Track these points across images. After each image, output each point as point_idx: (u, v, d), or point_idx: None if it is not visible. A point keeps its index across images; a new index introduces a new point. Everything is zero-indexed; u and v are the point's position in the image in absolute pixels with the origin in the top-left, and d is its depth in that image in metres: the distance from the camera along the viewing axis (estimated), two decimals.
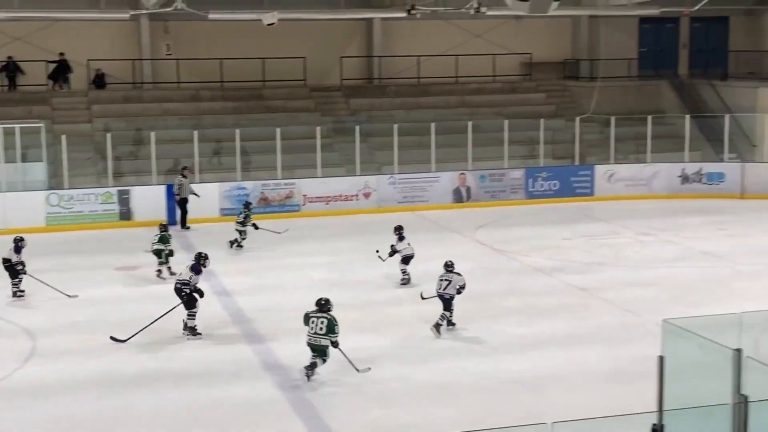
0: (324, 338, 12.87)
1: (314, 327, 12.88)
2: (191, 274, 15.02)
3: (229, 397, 12.39)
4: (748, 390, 7.87)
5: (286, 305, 16.60)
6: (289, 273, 19.16)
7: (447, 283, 15.03)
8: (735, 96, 30.85)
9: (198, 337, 14.93)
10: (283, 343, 14.53)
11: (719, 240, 21.82)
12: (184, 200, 23.94)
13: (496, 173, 27.01)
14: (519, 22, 32.97)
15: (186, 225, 23.92)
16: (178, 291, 15.00)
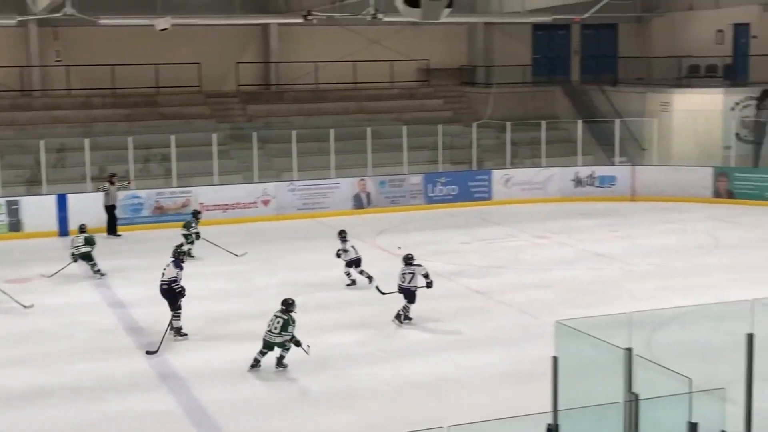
0: (277, 336, 13.35)
1: (271, 325, 13.40)
2: (177, 271, 15.01)
3: (124, 410, 12.10)
4: (639, 388, 8.04)
5: (183, 316, 16.31)
6: (186, 283, 18.75)
7: (411, 276, 15.52)
8: (625, 101, 31.68)
9: (185, 337, 14.96)
10: (179, 354, 14.28)
11: (611, 242, 22.33)
12: (112, 207, 23.62)
13: (395, 179, 27.12)
14: (416, 28, 33.23)
15: (116, 232, 23.60)
16: (168, 291, 14.92)
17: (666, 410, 7.94)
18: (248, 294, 17.94)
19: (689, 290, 17.37)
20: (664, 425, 8.16)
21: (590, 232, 23.40)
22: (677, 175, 27.74)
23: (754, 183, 27.04)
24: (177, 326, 15.06)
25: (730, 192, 27.26)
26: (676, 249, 21.44)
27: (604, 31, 35.48)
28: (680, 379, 7.63)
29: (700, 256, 20.75)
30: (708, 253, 21.10)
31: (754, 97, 29.77)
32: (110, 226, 23.67)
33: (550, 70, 34.76)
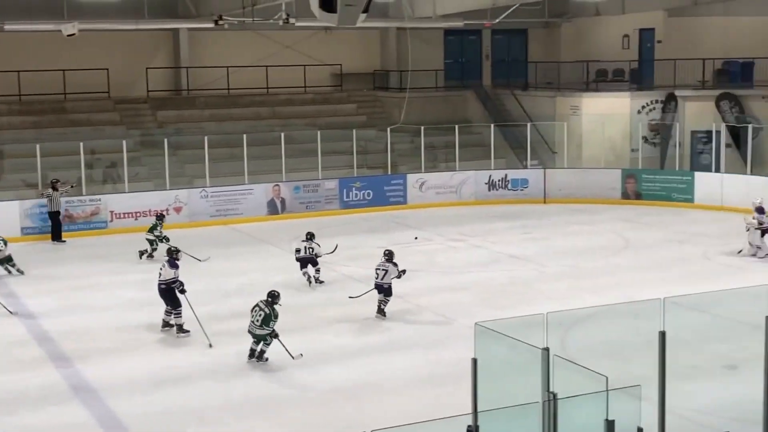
0: (259, 329, 13.76)
1: (253, 317, 13.80)
2: (174, 271, 15.40)
3: (36, 423, 11.81)
4: (557, 387, 8.14)
5: (95, 326, 16.03)
6: (98, 292, 18.46)
7: (384, 273, 16.19)
8: (535, 105, 32.19)
9: (187, 334, 15.26)
10: (91, 365, 13.99)
11: (525, 243, 22.63)
12: (56, 213, 23.40)
13: (310, 184, 27.03)
14: (328, 33, 33.22)
15: (61, 238, 23.41)
16: (167, 290, 15.34)
17: (583, 408, 8.06)
18: (162, 303, 17.60)
19: (601, 290, 17.71)
20: (581, 423, 8.28)
21: (504, 235, 23.68)
22: (587, 177, 28.28)
23: (661, 184, 27.73)
24: (179, 323, 15.45)
25: (638, 193, 27.89)
26: (588, 250, 21.83)
27: (515, 36, 35.99)
28: (597, 377, 7.75)
29: (610, 257, 21.18)
30: (618, 253, 21.54)
31: (660, 100, 30.55)
32: (54, 232, 23.46)
33: (462, 74, 35.12)
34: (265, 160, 27.58)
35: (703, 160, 29.40)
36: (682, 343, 12.01)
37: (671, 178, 27.90)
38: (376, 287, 16.30)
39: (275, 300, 13.86)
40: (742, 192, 25.94)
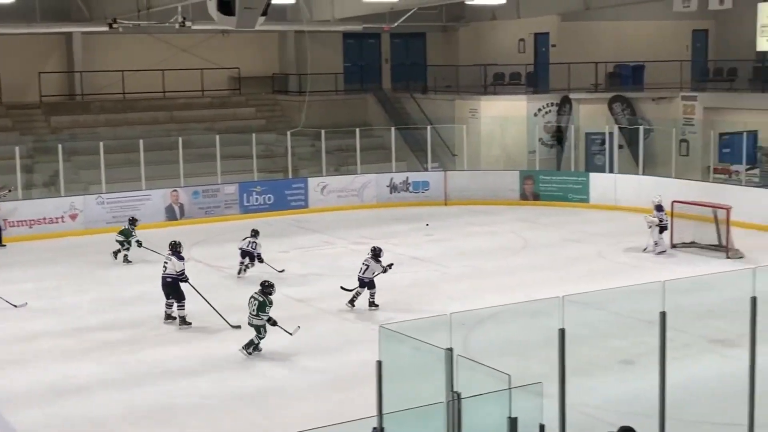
0: (256, 318, 14.39)
1: (249, 308, 14.48)
2: (182, 263, 16.16)
3: None
4: (461, 387, 8.22)
5: None
6: None
7: (365, 268, 16.95)
8: (435, 108, 32.49)
9: (189, 326, 15.93)
10: None
11: (427, 245, 22.81)
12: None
13: (209, 189, 26.71)
14: (226, 36, 32.90)
15: (1, 243, 23.15)
16: (172, 284, 16.00)
17: (487, 407, 8.16)
18: (60, 312, 17.21)
19: (502, 289, 17.96)
20: (485, 422, 8.37)
21: (406, 237, 23.82)
22: (486, 179, 28.68)
23: (558, 185, 28.30)
24: (182, 315, 16.04)
25: (535, 194, 28.41)
26: (488, 250, 22.13)
27: (413, 39, 36.26)
28: (499, 376, 7.86)
29: (510, 257, 21.52)
30: (517, 253, 21.90)
31: (555, 103, 31.18)
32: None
33: (361, 78, 35.20)
34: (162, 166, 27.15)
35: (598, 161, 30.13)
36: (580, 340, 12.25)
37: (567, 179, 28.51)
38: (359, 280, 17.04)
39: (267, 289, 14.60)
40: (635, 192, 26.71)
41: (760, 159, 28.80)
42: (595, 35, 33.16)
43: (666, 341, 9.42)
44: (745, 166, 26.76)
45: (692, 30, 34.49)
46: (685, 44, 34.36)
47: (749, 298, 9.51)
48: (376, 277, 17.01)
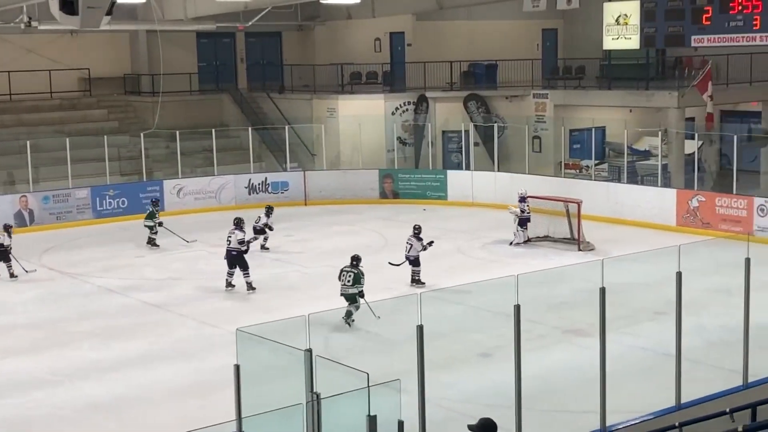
0: (351, 288, 15.56)
1: (344, 279, 15.73)
2: (243, 234, 18.32)
3: None
4: (321, 387, 8.20)
5: None
6: None
7: (409, 246, 18.36)
8: (293, 108, 32.32)
9: (254, 291, 18.10)
10: None
11: (288, 246, 22.67)
12: None
13: (60, 194, 25.82)
14: (75, 36, 31.88)
15: None
16: (238, 254, 18.10)
17: (346, 406, 8.15)
18: None
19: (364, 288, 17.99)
20: (345, 421, 8.38)
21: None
22: (346, 178, 28.75)
23: (416, 183, 28.62)
24: (248, 282, 18.10)
25: (395, 192, 28.65)
26: (349, 249, 21.98)
27: (269, 39, 36.00)
28: (358, 374, 7.86)
29: (371, 255, 21.55)
30: (378, 251, 21.97)
31: (412, 102, 31.51)
32: None
33: (217, 77, 34.71)
34: (10, 170, 26.11)
35: (455, 158, 30.66)
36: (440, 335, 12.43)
37: (426, 177, 28.88)
38: (406, 258, 18.40)
39: (357, 262, 16.03)
40: (491, 188, 27.29)
41: (608, 154, 29.92)
42: (449, 34, 33.68)
43: (521, 333, 9.62)
44: (594, 162, 27.74)
45: (542, 29, 35.46)
46: (536, 43, 35.31)
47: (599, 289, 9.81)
48: (419, 254, 18.32)
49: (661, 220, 23.61)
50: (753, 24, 21.40)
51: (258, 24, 30.34)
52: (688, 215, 23.28)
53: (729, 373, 11.61)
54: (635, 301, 16.23)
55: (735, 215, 22.39)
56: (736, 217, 22.34)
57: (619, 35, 24.44)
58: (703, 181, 26.29)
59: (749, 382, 10.99)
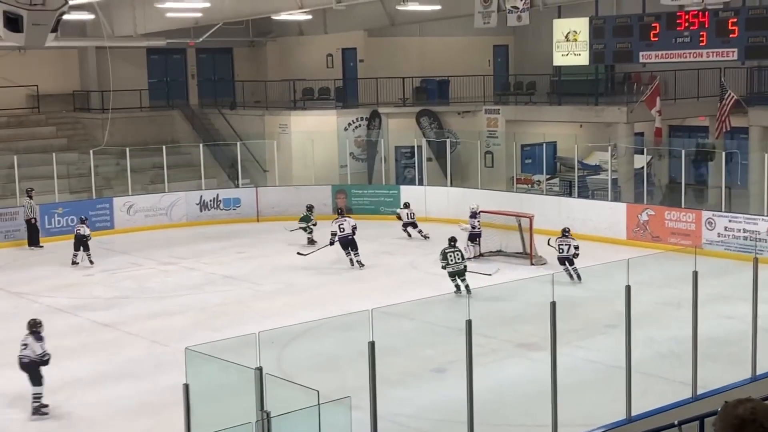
0: (462, 262, 18.37)
1: (452, 258, 18.29)
2: (354, 222, 21.79)
3: None
4: (271, 405, 8.11)
5: None
6: None
7: (567, 247, 19.44)
8: (244, 124, 32.17)
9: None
10: None
11: (239, 263, 22.52)
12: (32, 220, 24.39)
13: (7, 212, 25.39)
14: (22, 53, 31.44)
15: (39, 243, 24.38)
16: (352, 239, 21.24)
17: (297, 424, 8.08)
18: None
19: (315, 305, 17.95)
20: None
21: (218, 255, 23.43)
22: (299, 194, 28.57)
23: (370, 198, 28.60)
24: (359, 259, 21.31)
25: (349, 208, 28.57)
26: (302, 266, 22.04)
27: (220, 54, 35.84)
28: (309, 392, 7.79)
29: (323, 272, 21.51)
30: (330, 267, 21.92)
31: (365, 117, 31.54)
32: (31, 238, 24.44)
33: (167, 94, 34.45)
34: None
35: (408, 174, 30.69)
36: (393, 351, 12.40)
37: (379, 192, 28.87)
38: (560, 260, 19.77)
39: (456, 242, 18.78)
40: (444, 203, 27.36)
41: (559, 169, 30.15)
42: (401, 50, 33.79)
43: (474, 348, 9.62)
44: (546, 176, 27.94)
45: (493, 45, 35.72)
46: (487, 59, 35.55)
47: (549, 303, 9.85)
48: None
49: (612, 233, 23.84)
50: (699, 40, 21.72)
51: (209, 40, 30.20)
52: (638, 229, 23.52)
53: (679, 385, 11.71)
54: (586, 315, 16.33)
55: (684, 229, 22.66)
56: (684, 230, 22.61)
57: (568, 51, 24.67)
58: (653, 195, 26.58)
59: (698, 393, 11.09)
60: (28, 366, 13.21)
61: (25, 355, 13.22)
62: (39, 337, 13.46)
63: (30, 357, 13.20)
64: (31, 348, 13.28)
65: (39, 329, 13.54)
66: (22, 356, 13.23)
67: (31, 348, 13.28)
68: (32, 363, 13.18)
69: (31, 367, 13.16)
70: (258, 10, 26.26)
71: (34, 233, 24.54)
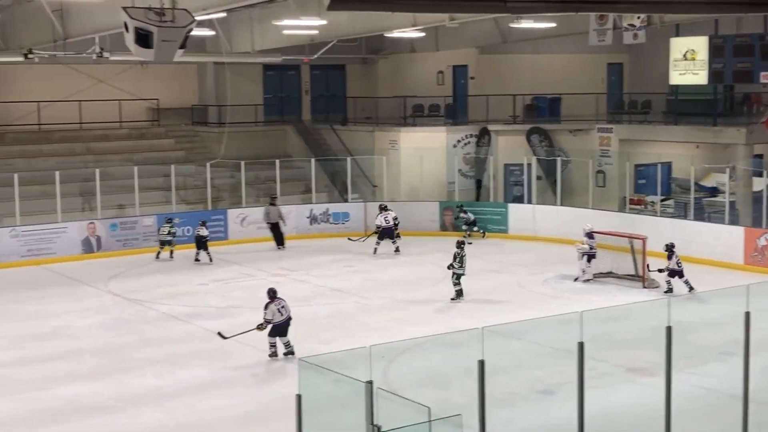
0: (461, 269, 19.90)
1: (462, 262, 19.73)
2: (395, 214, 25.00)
3: None
4: (381, 419, 8.17)
5: None
6: None
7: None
8: (355, 139, 32.53)
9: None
10: None
11: (347, 276, 22.74)
12: (275, 224, 26.69)
13: (127, 221, 26.26)
14: (144, 67, 32.52)
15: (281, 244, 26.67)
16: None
17: None
18: None
19: (422, 321, 18.00)
20: None
21: (326, 268, 23.72)
22: (406, 209, 28.70)
23: (477, 216, 28.50)
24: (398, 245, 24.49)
25: (455, 225, 28.57)
26: (408, 281, 22.15)
27: (333, 71, 36.33)
28: (419, 408, 7.83)
29: (430, 287, 21.55)
30: (437, 284, 21.90)
31: (474, 134, 31.51)
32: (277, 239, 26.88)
33: (281, 109, 35.11)
34: (79, 198, 26.66)
35: (516, 192, 30.50)
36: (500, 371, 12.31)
37: (486, 210, 28.77)
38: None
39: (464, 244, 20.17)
40: (553, 222, 27.09)
41: (674, 190, 29.50)
42: (512, 68, 33.68)
43: (584, 371, 9.50)
44: (660, 197, 27.37)
45: (607, 63, 35.27)
46: (601, 77, 35.12)
47: (664, 328, 9.66)
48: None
49: (728, 258, 23.16)
50: None
51: (323, 57, 30.65)
52: (756, 254, 22.83)
53: None
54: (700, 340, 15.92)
55: None
56: None
57: (686, 70, 24.19)
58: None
59: None
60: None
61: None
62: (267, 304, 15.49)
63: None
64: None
65: (273, 295, 15.68)
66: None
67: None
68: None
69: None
70: (372, 28, 26.50)
71: (278, 235, 26.73)
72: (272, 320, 15.56)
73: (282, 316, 15.61)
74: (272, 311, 15.62)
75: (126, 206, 27.10)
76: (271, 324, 15.59)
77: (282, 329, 15.70)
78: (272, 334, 15.69)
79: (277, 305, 15.69)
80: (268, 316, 15.60)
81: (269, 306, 15.70)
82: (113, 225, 25.99)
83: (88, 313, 19.27)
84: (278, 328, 15.66)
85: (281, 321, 15.62)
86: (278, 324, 15.62)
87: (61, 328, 17.98)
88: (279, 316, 15.60)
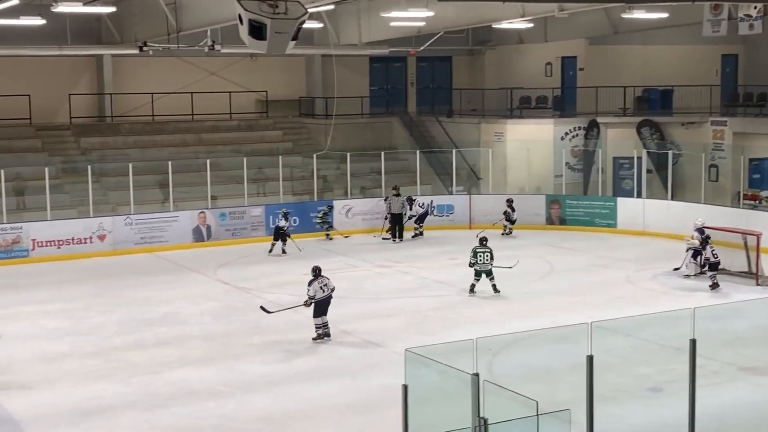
0: (489, 264, 19.31)
1: (481, 258, 19.21)
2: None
3: None
4: (487, 412, 8.16)
5: (18, 356, 15.62)
6: (20, 322, 17.99)
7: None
8: (460, 131, 32.45)
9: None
10: (13, 397, 13.60)
11: (451, 269, 22.67)
12: (399, 215, 26.95)
13: (236, 211, 26.79)
14: (253, 60, 33.11)
15: (400, 237, 26.96)
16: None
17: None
18: (86, 332, 17.28)
19: (527, 315, 17.86)
20: None
21: (431, 261, 23.74)
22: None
23: (584, 210, 28.15)
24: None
25: (562, 219, 28.27)
26: (513, 274, 21.96)
27: (439, 63, 36.33)
28: (526, 402, 7.79)
29: (536, 281, 21.38)
30: (543, 278, 21.76)
31: (582, 127, 31.08)
32: (393, 230, 27.17)
33: (387, 101, 35.29)
34: (190, 187, 27.31)
35: (625, 185, 29.97)
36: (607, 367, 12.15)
37: (594, 204, 28.35)
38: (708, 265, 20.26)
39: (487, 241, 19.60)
40: (664, 217, 26.51)
41: None
42: (623, 59, 33.08)
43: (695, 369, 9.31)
44: None
45: (721, 54, 34.34)
46: (715, 69, 34.22)
47: None
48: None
49: None
50: None
51: (429, 48, 30.67)
52: None
53: None
54: None
55: None
56: None
57: None
58: None
59: None
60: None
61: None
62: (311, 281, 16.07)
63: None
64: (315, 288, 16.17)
65: (318, 273, 16.23)
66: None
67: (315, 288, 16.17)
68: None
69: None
70: (480, 19, 26.40)
71: (399, 227, 26.90)
72: (315, 297, 16.13)
73: (324, 293, 16.22)
74: (315, 288, 16.22)
75: (232, 196, 27.62)
76: (314, 302, 16.11)
77: (324, 307, 16.29)
78: (316, 315, 16.24)
79: (320, 283, 16.28)
80: (311, 293, 16.20)
81: (312, 283, 16.31)
82: (222, 214, 26.55)
83: (198, 300, 19.72)
84: (321, 306, 16.24)
85: (323, 297, 16.21)
86: (320, 300, 16.20)
87: (171, 314, 18.44)
88: (321, 293, 16.21)
